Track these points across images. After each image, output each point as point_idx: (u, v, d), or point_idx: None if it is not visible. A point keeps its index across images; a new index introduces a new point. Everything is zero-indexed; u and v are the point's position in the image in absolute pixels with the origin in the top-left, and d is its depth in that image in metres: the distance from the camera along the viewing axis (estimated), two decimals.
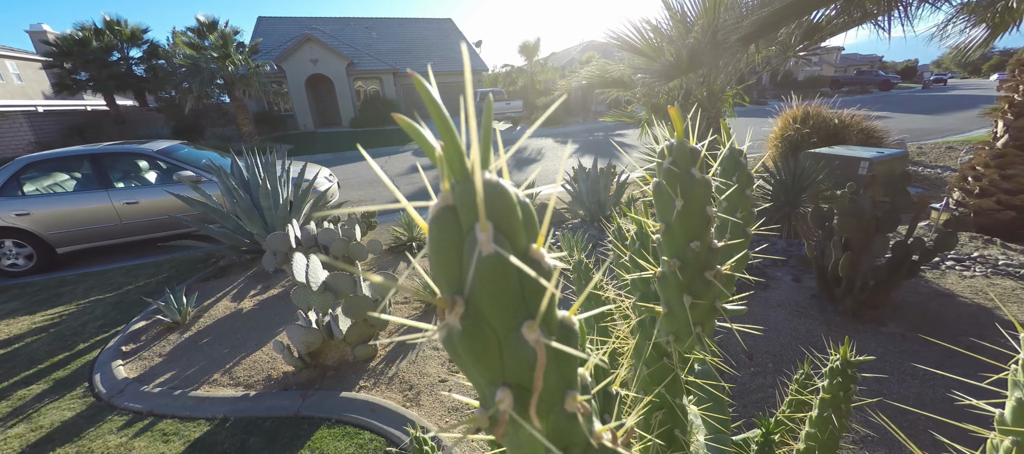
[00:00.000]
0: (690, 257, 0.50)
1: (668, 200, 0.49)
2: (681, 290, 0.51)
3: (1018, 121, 3.57)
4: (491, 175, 0.22)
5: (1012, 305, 2.72)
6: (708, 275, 0.50)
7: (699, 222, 0.49)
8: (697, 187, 0.48)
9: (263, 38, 20.28)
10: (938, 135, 10.10)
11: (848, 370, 0.66)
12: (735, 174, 0.63)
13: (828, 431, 0.65)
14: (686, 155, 0.49)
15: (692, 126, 0.59)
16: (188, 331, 3.13)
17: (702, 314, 0.51)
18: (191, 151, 5.77)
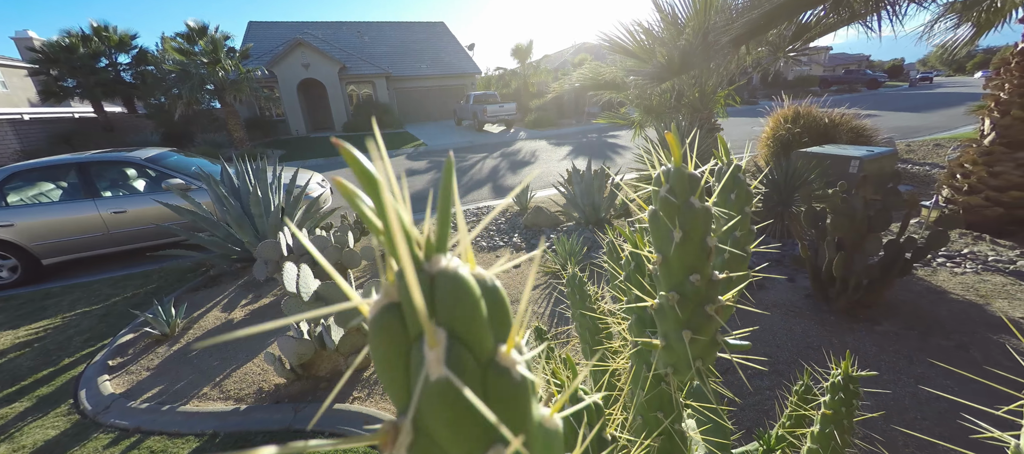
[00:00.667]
0: (689, 291, 0.48)
1: (665, 231, 0.46)
2: (680, 325, 0.48)
3: (1004, 119, 3.62)
4: (449, 262, 0.18)
5: (1002, 301, 2.74)
6: (709, 310, 0.47)
7: (699, 254, 0.46)
8: (697, 217, 0.45)
9: (254, 43, 20.14)
10: (926, 132, 10.24)
11: (850, 385, 0.64)
12: (734, 191, 0.61)
13: (830, 447, 0.64)
14: (684, 182, 0.45)
15: (690, 150, 0.56)
16: (177, 343, 3.06)
17: (702, 349, 0.48)
18: (180, 158, 5.69)
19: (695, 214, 0.45)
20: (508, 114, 18.19)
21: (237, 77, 14.38)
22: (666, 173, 0.47)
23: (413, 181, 8.96)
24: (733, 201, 0.61)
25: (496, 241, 4.61)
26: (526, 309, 0.16)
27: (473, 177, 9.08)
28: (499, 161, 11.00)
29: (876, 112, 14.63)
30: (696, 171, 0.47)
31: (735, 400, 2.06)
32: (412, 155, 13.18)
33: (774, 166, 4.56)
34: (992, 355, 2.23)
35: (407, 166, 10.95)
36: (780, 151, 6.61)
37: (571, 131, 17.21)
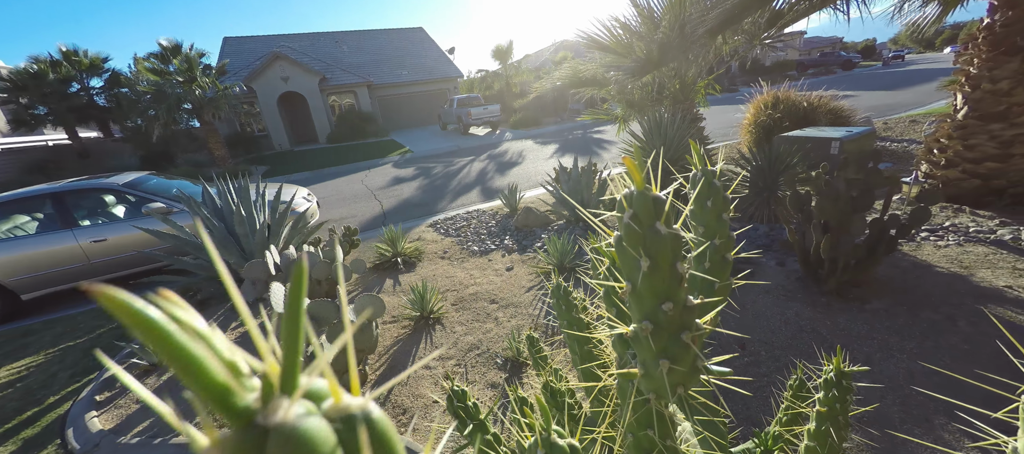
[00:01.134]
0: (663, 319, 0.45)
1: (632, 259, 0.44)
2: (656, 354, 0.46)
3: (975, 93, 3.71)
4: (293, 411, 0.13)
5: (985, 270, 2.80)
6: (685, 338, 0.44)
7: (670, 282, 0.44)
8: (664, 244, 0.43)
9: (230, 59, 19.82)
10: (901, 109, 10.48)
11: (843, 381, 0.64)
12: (710, 199, 0.60)
13: (828, 445, 0.63)
14: (648, 207, 0.43)
15: (654, 174, 0.52)
16: (166, 373, 2.98)
17: (682, 376, 0.46)
18: (160, 181, 5.56)
19: (661, 240, 0.42)
20: (493, 116, 18.17)
21: (215, 94, 14.12)
22: (628, 197, 0.44)
23: (401, 189, 8.89)
24: (709, 208, 0.60)
25: (488, 245, 4.59)
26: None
27: (461, 181, 9.04)
28: (486, 163, 10.98)
29: (852, 92, 14.94)
30: (661, 193, 0.44)
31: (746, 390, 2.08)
32: (398, 162, 13.08)
33: (757, 152, 4.62)
34: (980, 325, 2.28)
35: (394, 174, 10.87)
36: (762, 137, 6.71)
37: (556, 129, 17.26)
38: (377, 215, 7.01)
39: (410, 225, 5.88)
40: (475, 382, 2.41)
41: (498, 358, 2.57)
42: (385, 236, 4.43)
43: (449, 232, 5.25)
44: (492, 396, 2.29)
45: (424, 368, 2.59)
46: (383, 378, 2.53)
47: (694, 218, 0.62)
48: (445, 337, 2.91)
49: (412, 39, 28.02)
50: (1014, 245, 3.07)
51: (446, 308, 3.29)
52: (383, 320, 3.24)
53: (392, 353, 2.81)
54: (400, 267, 4.25)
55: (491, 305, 3.26)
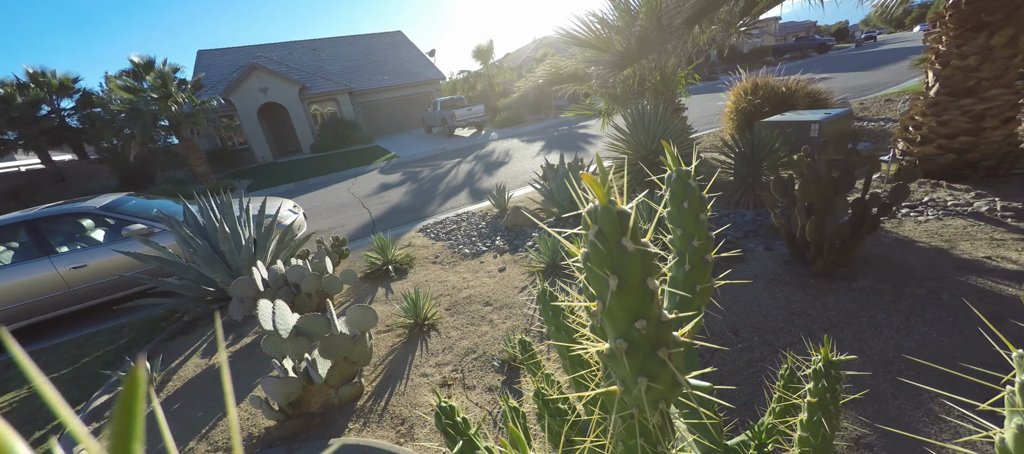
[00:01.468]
0: (637, 338, 0.43)
1: (600, 278, 0.42)
2: (633, 372, 0.44)
3: (945, 70, 3.80)
4: None
5: (965, 243, 2.88)
6: (661, 354, 0.43)
7: (641, 299, 0.42)
8: (631, 260, 0.41)
9: (206, 72, 19.43)
10: (876, 89, 10.72)
11: (831, 371, 0.64)
12: (686, 200, 0.59)
13: (820, 434, 0.64)
14: (613, 222, 0.41)
15: (623, 193, 0.49)
16: (157, 398, 2.91)
17: (662, 393, 0.44)
18: (140, 201, 5.43)
19: (629, 257, 0.40)
20: (477, 116, 18.12)
21: (192, 109, 13.83)
22: (592, 213, 0.42)
23: (389, 195, 8.81)
24: (686, 210, 0.59)
25: (479, 247, 4.58)
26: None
27: (449, 183, 9.00)
28: (473, 165, 10.94)
29: (828, 75, 15.23)
30: (627, 206, 0.42)
31: (723, 369, 2.10)
32: (384, 169, 12.96)
33: (740, 139, 4.68)
34: (962, 296, 2.34)
35: (380, 181, 10.77)
36: (744, 123, 6.80)
37: (541, 126, 17.28)
38: (366, 223, 6.94)
39: (400, 231, 5.83)
40: (473, 387, 2.40)
41: (495, 361, 2.56)
42: (375, 244, 4.38)
43: (439, 236, 5.22)
44: (490, 400, 2.28)
45: (421, 376, 2.57)
46: (380, 389, 2.50)
47: (671, 221, 0.61)
48: (441, 343, 2.89)
49: (391, 43, 27.78)
50: (990, 216, 3.16)
51: (440, 313, 3.27)
52: (377, 330, 3.20)
53: (388, 362, 2.78)
54: (391, 275, 4.21)
55: (485, 308, 3.25)
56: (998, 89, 3.61)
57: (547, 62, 6.88)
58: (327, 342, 2.19)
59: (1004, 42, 3.49)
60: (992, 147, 3.73)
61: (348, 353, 2.30)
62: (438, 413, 0.75)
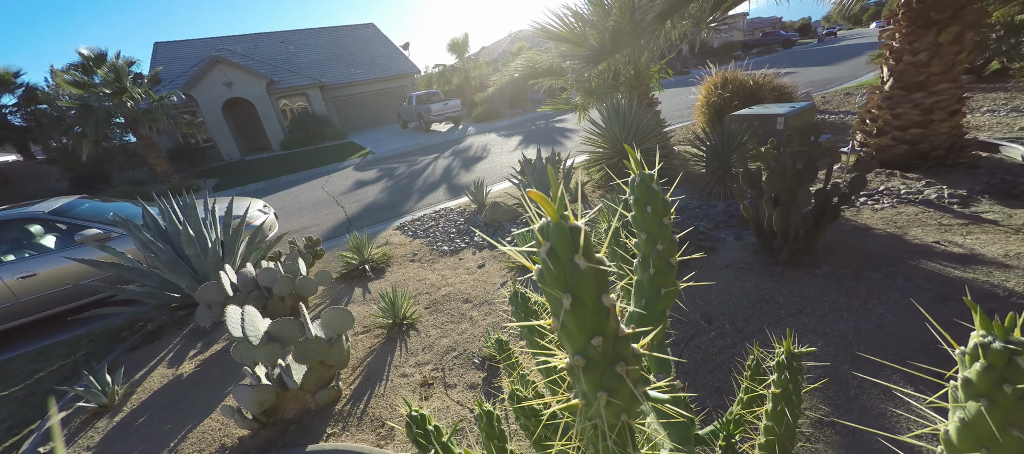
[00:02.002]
0: (594, 354, 0.43)
1: (554, 296, 0.42)
2: (592, 387, 0.44)
3: (899, 65, 4.01)
4: None
5: (916, 229, 3.07)
6: (619, 370, 0.43)
7: (597, 316, 0.42)
8: (584, 278, 0.40)
9: (164, 66, 18.40)
10: (837, 83, 11.23)
11: (793, 362, 0.67)
12: (649, 204, 0.59)
13: (784, 423, 0.67)
14: (565, 239, 0.40)
15: (575, 211, 0.47)
16: (119, 413, 2.76)
17: (622, 407, 0.44)
18: (94, 205, 5.11)
19: (582, 275, 0.40)
20: (454, 111, 17.91)
21: (150, 105, 13.08)
22: (543, 230, 0.41)
23: (364, 192, 8.62)
24: (650, 214, 0.59)
25: (458, 243, 4.55)
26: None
27: (426, 179, 8.88)
28: (451, 160, 10.83)
29: (793, 69, 15.82)
30: (579, 222, 0.41)
31: (696, 357, 2.17)
32: (359, 165, 12.66)
33: (711, 132, 4.81)
34: (913, 279, 2.49)
35: (356, 178, 10.52)
36: (714, 116, 6.99)
37: (519, 121, 17.26)
38: (341, 222, 6.77)
39: (376, 230, 5.72)
40: (454, 385, 2.39)
41: (475, 358, 2.56)
42: (350, 243, 4.28)
43: (417, 233, 5.16)
44: (472, 397, 2.27)
45: (401, 376, 2.54)
46: (359, 392, 2.46)
47: (636, 225, 0.62)
48: (420, 342, 2.86)
49: (363, 36, 27.04)
50: (938, 203, 3.38)
51: (420, 312, 3.24)
52: (354, 331, 3.14)
53: (367, 364, 2.73)
54: (368, 274, 4.13)
55: (465, 305, 3.23)
56: (946, 84, 3.84)
57: (523, 56, 6.85)
58: (301, 346, 2.13)
59: (951, 39, 3.71)
60: (940, 138, 3.97)
61: (324, 357, 2.25)
62: (409, 423, 0.74)
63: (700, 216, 4.01)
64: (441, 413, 2.20)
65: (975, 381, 0.36)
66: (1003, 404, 0.35)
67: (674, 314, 2.59)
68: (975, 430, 0.37)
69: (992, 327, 0.36)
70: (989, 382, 0.35)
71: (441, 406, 2.25)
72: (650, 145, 5.10)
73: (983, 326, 0.37)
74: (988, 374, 0.35)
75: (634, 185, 0.60)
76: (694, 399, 1.98)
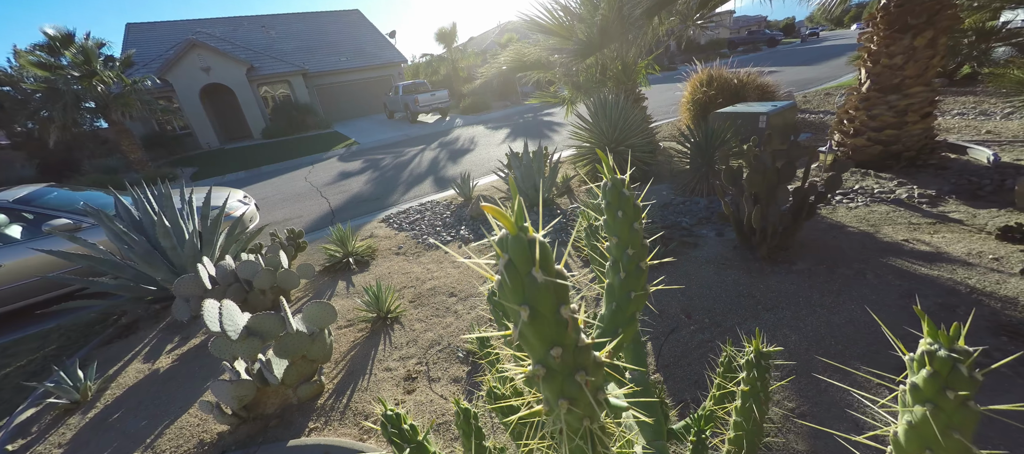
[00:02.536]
0: (554, 364, 0.44)
1: (512, 308, 0.42)
2: (553, 395, 0.45)
3: (876, 68, 4.13)
4: None
5: (888, 227, 3.18)
6: (579, 379, 0.43)
7: (554, 328, 0.42)
8: (542, 291, 0.40)
9: (137, 48, 17.64)
10: (817, 83, 11.48)
11: (762, 361, 0.70)
12: (620, 209, 0.60)
13: (752, 419, 0.69)
14: (523, 253, 0.40)
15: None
16: (93, 409, 2.68)
17: (583, 415, 0.45)
18: (63, 193, 4.91)
19: (540, 288, 0.40)
20: (441, 102, 17.71)
21: (122, 90, 12.55)
22: (502, 243, 0.41)
23: (349, 184, 8.49)
24: (621, 219, 0.60)
25: (443, 236, 4.53)
26: None
27: (412, 171, 8.79)
28: (438, 152, 10.74)
29: (776, 68, 16.12)
30: (537, 235, 0.42)
31: (676, 350, 2.22)
32: (344, 156, 12.45)
33: (695, 129, 4.88)
34: (883, 275, 2.59)
35: (340, 168, 10.34)
36: (699, 113, 7.08)
37: (507, 113, 17.18)
38: (324, 214, 6.66)
39: (361, 222, 5.65)
40: (438, 378, 2.40)
41: (460, 352, 2.57)
42: (334, 236, 4.22)
43: (403, 226, 5.11)
44: (456, 391, 2.28)
45: (385, 370, 2.54)
46: (341, 386, 2.45)
47: (607, 229, 0.63)
48: (405, 336, 2.85)
49: (348, 22, 26.41)
50: (909, 202, 3.51)
51: (404, 306, 3.22)
52: (338, 325, 3.11)
53: (350, 358, 2.71)
54: (352, 267, 4.08)
55: (450, 299, 3.23)
56: (919, 87, 3.97)
57: (511, 48, 6.81)
58: (282, 341, 2.10)
59: (925, 43, 3.83)
60: (913, 139, 4.11)
61: (306, 351, 2.22)
62: (383, 422, 0.74)
63: (683, 212, 4.08)
64: (425, 407, 2.20)
65: (922, 387, 0.39)
66: (946, 409, 0.37)
67: (656, 308, 2.64)
68: (921, 433, 0.40)
69: (938, 336, 0.38)
70: (934, 388, 0.37)
71: (425, 400, 2.25)
72: (636, 141, 5.15)
73: (930, 334, 0.39)
74: (933, 380, 0.37)
75: (605, 190, 0.61)
76: (673, 391, 2.03)
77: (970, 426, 0.38)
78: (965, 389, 0.36)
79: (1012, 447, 1.50)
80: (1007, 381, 1.78)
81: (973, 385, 0.36)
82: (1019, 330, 1.98)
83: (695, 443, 0.72)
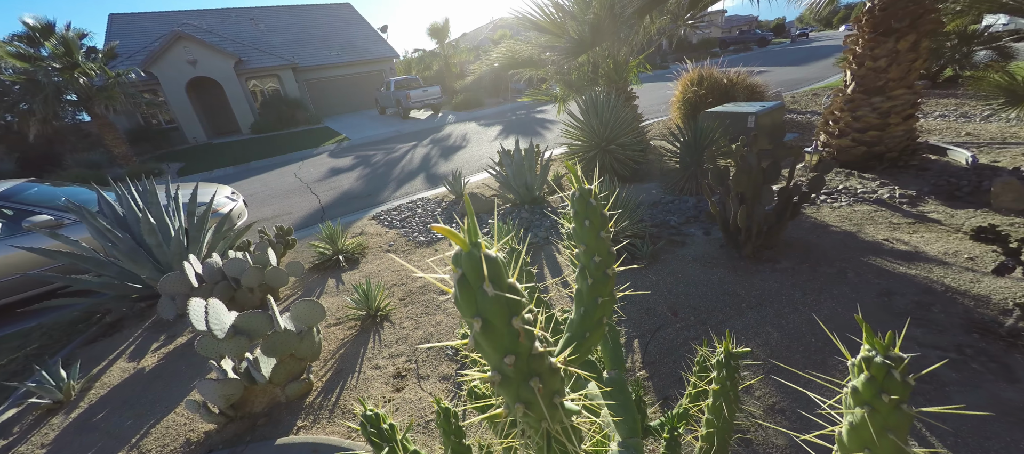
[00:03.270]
0: (508, 371, 0.46)
1: (467, 318, 0.45)
2: (511, 399, 0.48)
3: (860, 70, 4.20)
4: None
5: (869, 226, 3.26)
6: (533, 385, 0.46)
7: (507, 338, 0.45)
8: (494, 304, 0.43)
9: (120, 40, 17.22)
10: (806, 84, 11.64)
11: (731, 362, 0.72)
12: (587, 218, 0.62)
13: (722, 416, 0.72)
14: (475, 268, 0.43)
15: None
16: (76, 409, 2.65)
17: (540, 416, 0.48)
18: (44, 189, 4.80)
19: (491, 301, 0.43)
20: (434, 98, 17.60)
21: (105, 82, 12.26)
22: (456, 258, 0.44)
23: (339, 180, 8.41)
24: (588, 228, 0.62)
25: (434, 234, 4.52)
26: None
27: (404, 168, 8.75)
28: (429, 148, 10.69)
29: (766, 68, 16.29)
30: (490, 251, 0.44)
31: (662, 348, 2.26)
32: (335, 152, 12.32)
33: (685, 128, 4.93)
34: (863, 274, 2.66)
35: (330, 165, 10.24)
36: (690, 112, 7.15)
37: (499, 110, 17.14)
38: (314, 211, 6.60)
39: (351, 219, 5.61)
40: (427, 376, 2.41)
41: (449, 350, 2.58)
42: (324, 233, 4.20)
43: (393, 223, 5.09)
44: (445, 388, 2.30)
45: (374, 368, 2.54)
46: (330, 384, 2.45)
47: (575, 237, 0.65)
48: (394, 334, 2.86)
49: (338, 16, 26.07)
50: (890, 203, 3.59)
51: (394, 304, 3.22)
52: (327, 323, 3.10)
53: (339, 356, 2.71)
54: (342, 265, 4.06)
55: (441, 296, 3.24)
56: (902, 89, 4.06)
57: (503, 45, 6.80)
58: (270, 339, 2.10)
59: (908, 47, 3.91)
60: (895, 141, 4.21)
61: (294, 350, 2.22)
62: (363, 422, 0.75)
63: (671, 211, 4.13)
64: (414, 405, 2.21)
65: (861, 390, 0.41)
66: (882, 411, 0.40)
67: (644, 306, 2.68)
68: (860, 433, 0.42)
69: (875, 343, 0.41)
70: (871, 391, 0.40)
71: (413, 397, 2.26)
72: (627, 140, 5.19)
73: (869, 341, 0.41)
74: (871, 384, 0.40)
75: (573, 199, 0.63)
76: (658, 388, 2.07)
77: (904, 427, 0.41)
78: (898, 393, 0.39)
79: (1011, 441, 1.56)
80: (977, 377, 1.85)
81: (906, 389, 0.39)
82: (990, 327, 2.05)
83: (668, 440, 0.75)
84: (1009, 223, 2.98)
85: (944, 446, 1.59)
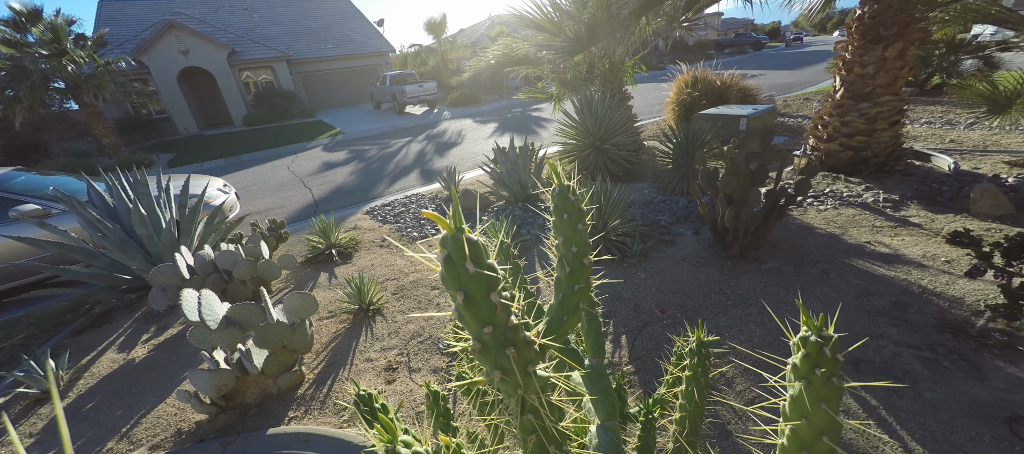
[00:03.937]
0: (487, 340, 0.52)
1: (451, 293, 0.51)
2: (489, 366, 0.54)
3: (849, 75, 4.29)
4: None
5: (854, 229, 3.34)
6: (509, 353, 0.52)
7: (486, 310, 0.51)
8: (474, 280, 0.49)
9: (110, 27, 16.97)
10: (798, 88, 11.80)
11: (702, 349, 0.77)
12: (566, 212, 0.67)
13: (693, 401, 0.77)
14: (459, 248, 0.49)
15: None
16: (65, 399, 2.64)
17: (516, 383, 0.54)
18: (31, 178, 4.73)
19: (472, 277, 0.49)
20: (429, 94, 17.55)
21: (94, 70, 12.07)
22: (443, 241, 0.50)
23: (333, 174, 8.38)
24: (567, 221, 0.68)
25: (427, 230, 4.54)
26: None
27: (399, 164, 8.74)
28: (424, 144, 10.67)
29: (759, 71, 16.47)
30: (472, 235, 0.51)
31: (649, 344, 2.32)
32: (329, 146, 12.25)
33: (677, 130, 4.99)
34: (845, 275, 2.73)
35: (324, 159, 10.19)
36: (684, 114, 7.23)
37: (495, 107, 17.13)
38: (308, 204, 6.58)
39: (344, 213, 5.61)
40: (419, 369, 2.44)
41: (441, 344, 2.61)
42: (317, 227, 4.20)
43: (387, 219, 5.10)
44: (435, 381, 2.33)
45: (366, 361, 2.56)
46: (322, 376, 2.47)
47: (555, 229, 0.71)
48: (386, 327, 2.88)
49: (334, 8, 25.83)
50: (874, 206, 3.68)
51: (386, 298, 3.25)
52: (319, 316, 3.12)
53: (331, 349, 2.73)
54: (335, 259, 4.07)
55: (433, 291, 3.27)
56: (889, 96, 4.15)
57: (500, 42, 6.81)
58: (263, 331, 2.11)
59: (895, 55, 4.00)
60: (881, 146, 4.30)
61: (286, 341, 2.24)
62: (357, 401, 0.79)
63: (663, 210, 4.19)
64: (405, 396, 2.24)
65: (799, 365, 0.46)
66: (816, 384, 0.45)
67: (631, 304, 2.73)
68: (798, 404, 0.47)
69: (810, 324, 0.45)
70: (807, 367, 0.45)
71: (405, 390, 2.30)
72: (621, 139, 5.24)
73: (805, 323, 0.46)
74: (806, 361, 0.45)
75: (553, 195, 0.68)
76: (644, 381, 2.12)
77: (836, 399, 0.46)
78: (829, 368, 0.43)
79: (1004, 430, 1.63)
80: (948, 374, 1.92)
81: (836, 365, 0.45)
82: (962, 327, 2.13)
83: (644, 423, 0.80)
84: (986, 228, 3.07)
85: (913, 438, 1.66)
